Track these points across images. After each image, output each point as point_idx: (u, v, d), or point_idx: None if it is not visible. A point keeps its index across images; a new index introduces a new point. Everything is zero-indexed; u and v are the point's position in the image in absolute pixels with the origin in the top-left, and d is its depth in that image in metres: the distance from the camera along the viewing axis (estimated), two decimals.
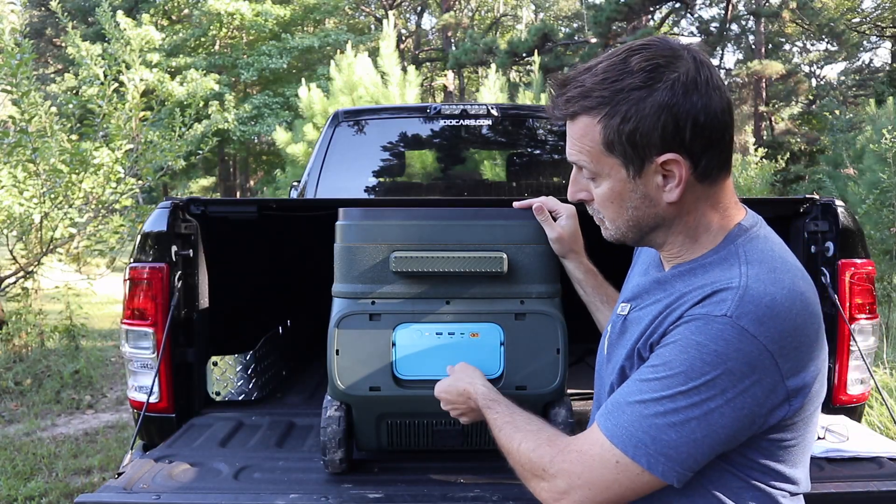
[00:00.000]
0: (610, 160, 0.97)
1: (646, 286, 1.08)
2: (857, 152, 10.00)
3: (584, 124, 0.98)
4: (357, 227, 1.64)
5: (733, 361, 0.87)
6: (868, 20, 22.25)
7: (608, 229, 1.07)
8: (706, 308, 0.91)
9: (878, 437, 1.94)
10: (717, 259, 0.98)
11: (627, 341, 1.04)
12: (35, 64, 7.07)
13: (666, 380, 0.90)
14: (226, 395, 2.30)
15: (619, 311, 1.11)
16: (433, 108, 3.74)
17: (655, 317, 0.99)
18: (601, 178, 1.00)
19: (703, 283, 0.95)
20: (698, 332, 0.89)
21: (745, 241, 0.98)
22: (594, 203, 1.05)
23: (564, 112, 0.99)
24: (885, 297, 6.40)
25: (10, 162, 5.40)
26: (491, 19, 29.80)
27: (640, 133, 0.93)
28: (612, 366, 1.07)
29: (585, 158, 1.00)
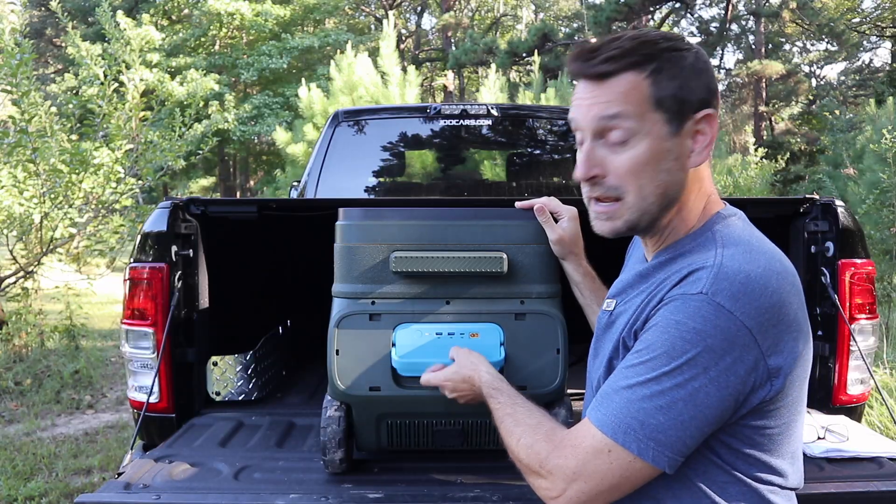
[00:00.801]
0: (655, 116, 0.97)
1: (630, 281, 1.09)
2: (857, 152, 10.00)
3: (629, 80, 0.97)
4: (357, 227, 1.64)
5: (712, 338, 0.88)
6: (868, 20, 22.25)
7: (627, 208, 1.00)
8: (683, 288, 0.93)
9: (878, 437, 1.94)
10: (695, 246, 1.00)
11: (613, 335, 1.05)
12: (35, 64, 7.06)
13: (649, 362, 0.92)
14: (226, 395, 2.30)
15: (606, 308, 1.12)
16: (433, 108, 3.74)
17: (638, 306, 1.00)
18: (639, 137, 0.97)
19: (681, 267, 0.97)
20: (676, 311, 0.91)
21: (723, 227, 1.01)
22: (611, 178, 0.99)
23: (604, 70, 0.97)
24: (885, 297, 6.40)
25: (10, 162, 5.40)
26: (491, 19, 29.80)
27: (685, 89, 0.97)
28: (599, 360, 1.08)
29: (630, 111, 0.96)
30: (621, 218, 1.01)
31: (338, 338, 1.59)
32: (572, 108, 1.03)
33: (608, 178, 1.00)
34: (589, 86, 0.99)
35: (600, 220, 1.03)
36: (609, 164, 0.99)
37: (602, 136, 0.99)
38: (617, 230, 1.02)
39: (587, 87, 1.00)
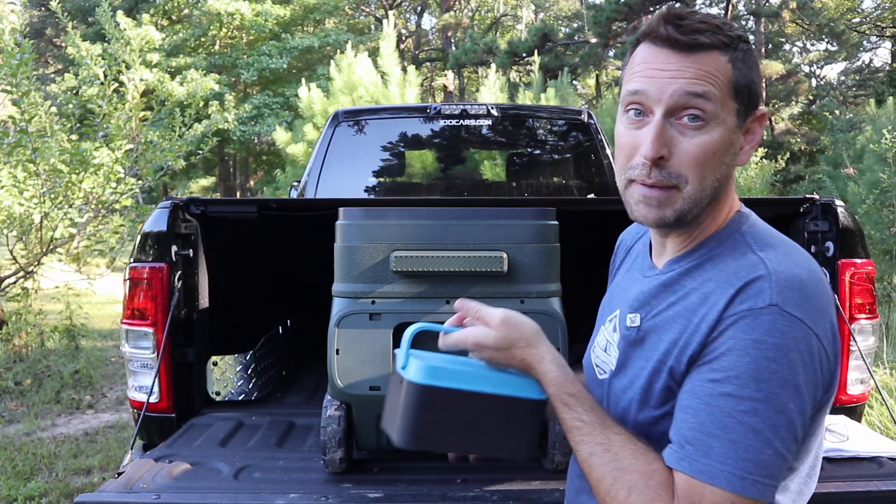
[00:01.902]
0: (731, 104, 0.90)
1: (651, 291, 0.98)
2: (857, 152, 10.00)
3: (717, 60, 0.89)
4: (357, 226, 1.64)
5: (794, 352, 0.82)
6: (868, 20, 22.26)
7: (683, 198, 0.90)
8: (746, 303, 0.84)
9: (878, 437, 1.94)
10: (723, 250, 0.93)
11: (649, 353, 0.94)
12: (35, 64, 7.07)
13: (740, 393, 0.82)
14: (226, 395, 2.30)
15: (629, 324, 0.99)
16: (433, 108, 3.75)
17: (682, 328, 0.89)
18: (715, 123, 0.89)
19: (721, 278, 0.89)
20: (750, 329, 0.83)
21: (749, 227, 0.95)
22: (675, 163, 0.89)
23: (697, 41, 0.88)
24: (885, 297, 6.40)
25: (10, 162, 5.40)
26: (491, 19, 29.80)
27: (755, 83, 0.93)
28: (628, 380, 0.97)
29: (715, 94, 0.88)
30: (672, 206, 0.91)
31: (338, 337, 1.59)
32: (640, 76, 0.91)
33: (671, 163, 0.89)
34: (673, 55, 0.89)
35: (648, 205, 0.91)
36: (677, 147, 0.89)
37: (675, 114, 0.89)
38: (665, 220, 0.92)
39: (670, 56, 0.89)
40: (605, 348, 1.05)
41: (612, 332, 1.04)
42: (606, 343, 1.05)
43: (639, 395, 0.94)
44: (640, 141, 0.91)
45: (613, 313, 1.06)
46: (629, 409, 0.95)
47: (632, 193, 0.94)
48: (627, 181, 0.94)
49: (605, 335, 1.07)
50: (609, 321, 1.07)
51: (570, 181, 3.92)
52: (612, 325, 1.05)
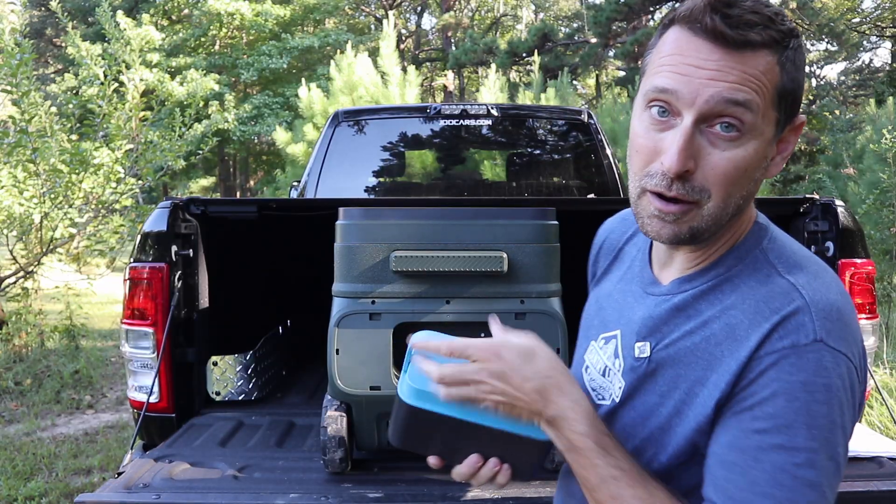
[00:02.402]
0: (772, 114, 0.77)
1: (661, 316, 0.87)
2: (857, 152, 10.00)
3: (764, 60, 0.75)
4: (357, 226, 1.64)
5: (840, 391, 0.74)
6: (868, 20, 22.26)
7: (702, 215, 0.79)
8: (788, 339, 0.74)
9: (878, 437, 1.94)
10: (743, 269, 0.82)
11: (665, 389, 0.83)
12: (35, 64, 7.07)
13: (794, 448, 0.73)
14: (226, 395, 2.30)
15: (638, 354, 0.87)
16: (433, 108, 3.75)
17: (709, 364, 0.79)
18: (752, 136, 0.76)
19: (749, 307, 0.79)
20: (796, 370, 0.73)
21: (769, 244, 0.84)
22: (700, 178, 0.77)
23: (747, 37, 0.74)
24: (885, 297, 6.40)
25: (10, 162, 5.40)
26: (491, 19, 29.80)
27: (800, 88, 0.79)
28: (638, 415, 0.86)
29: (758, 103, 0.75)
30: (689, 224, 0.79)
31: (338, 337, 1.59)
32: (671, 72, 0.77)
33: (696, 176, 0.77)
34: (716, 51, 0.75)
35: (664, 220, 0.80)
36: (704, 160, 0.77)
37: (708, 121, 0.76)
38: (680, 237, 0.80)
39: (712, 52, 0.75)
40: (602, 372, 0.93)
41: (613, 356, 0.92)
42: (605, 367, 0.93)
43: (656, 436, 0.83)
44: (662, 146, 0.78)
45: (611, 332, 0.94)
46: (643, 449, 0.84)
47: (645, 206, 0.81)
48: (641, 190, 0.81)
49: (601, 357, 0.95)
50: (605, 341, 0.95)
51: (570, 181, 3.92)
52: (611, 347, 0.93)
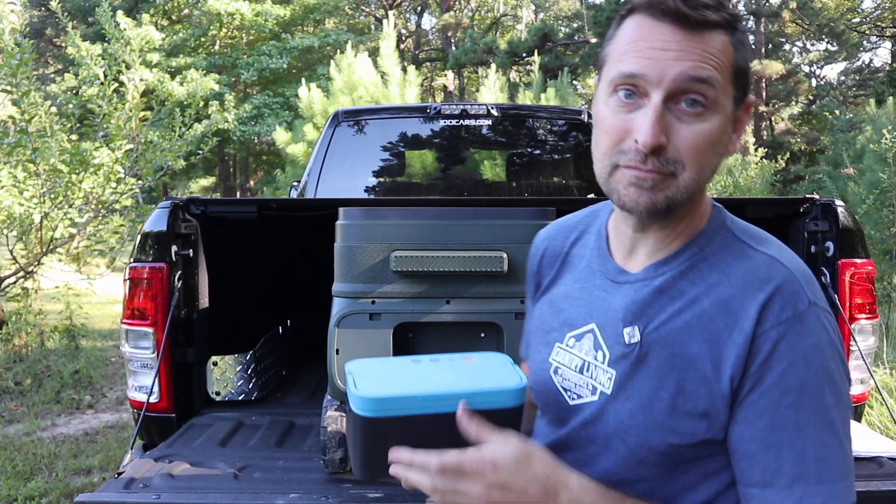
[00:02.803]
0: (730, 90, 0.83)
1: (645, 300, 0.88)
2: (857, 152, 10.01)
3: (722, 41, 0.81)
4: (357, 226, 1.65)
5: (836, 340, 0.82)
6: (868, 20, 22.26)
7: (677, 186, 0.83)
8: (789, 309, 0.80)
9: (878, 437, 1.94)
10: (715, 249, 0.88)
11: (662, 372, 0.85)
12: (35, 64, 7.07)
13: (823, 409, 0.79)
14: (226, 395, 2.30)
15: (629, 340, 0.88)
16: (433, 108, 3.75)
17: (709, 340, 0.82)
18: (715, 110, 0.82)
19: (736, 282, 0.84)
20: (804, 336, 0.79)
21: (731, 223, 0.91)
22: (672, 151, 0.82)
23: (705, 18, 0.80)
24: (885, 297, 6.40)
25: (10, 162, 5.40)
26: (491, 19, 29.81)
27: (749, 69, 0.86)
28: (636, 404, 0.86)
29: (718, 80, 0.81)
30: (665, 192, 0.83)
31: (338, 337, 1.59)
32: (636, 56, 0.81)
33: (669, 151, 0.81)
34: (678, 33, 0.80)
35: (641, 187, 0.83)
36: (675, 134, 0.81)
37: (675, 98, 0.81)
38: (656, 205, 0.83)
39: (674, 34, 0.80)
40: (580, 369, 0.93)
41: (593, 350, 0.92)
42: (584, 363, 0.93)
43: (661, 420, 0.84)
44: (632, 126, 0.82)
45: (582, 329, 0.94)
46: (648, 439, 0.85)
47: (619, 178, 0.84)
48: (613, 166, 0.84)
49: (575, 354, 0.94)
50: (575, 339, 0.95)
51: (570, 181, 3.92)
52: (587, 342, 0.93)
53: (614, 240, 0.96)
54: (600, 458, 0.89)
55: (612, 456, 0.88)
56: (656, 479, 0.86)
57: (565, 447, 0.93)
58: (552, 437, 0.96)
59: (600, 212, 1.03)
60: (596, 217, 1.03)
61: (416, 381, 0.83)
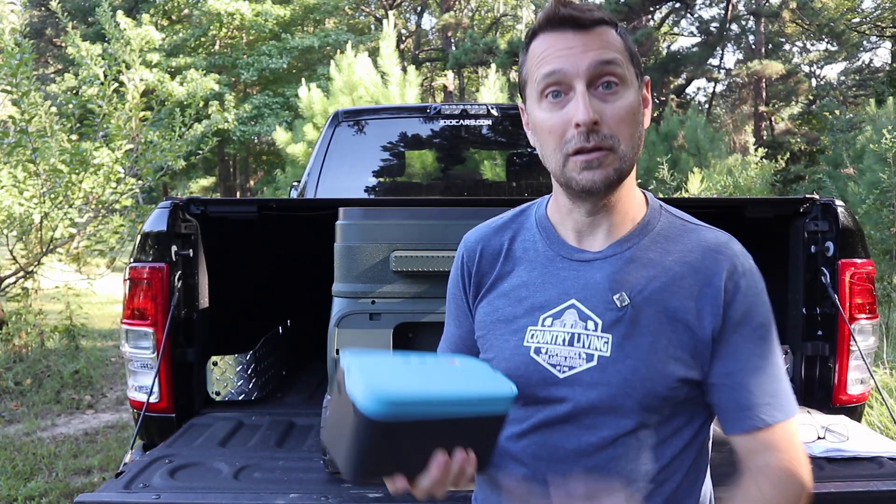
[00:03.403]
0: (631, 69, 0.99)
1: (623, 269, 1.00)
2: (857, 152, 10.00)
3: (610, 32, 0.98)
4: (357, 226, 1.64)
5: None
6: (868, 20, 22.25)
7: (619, 157, 0.95)
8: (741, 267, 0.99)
9: (878, 437, 1.94)
10: (663, 225, 1.04)
11: (655, 325, 0.97)
12: (35, 64, 7.07)
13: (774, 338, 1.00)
14: (226, 395, 2.30)
15: (621, 304, 0.98)
16: (433, 108, 3.75)
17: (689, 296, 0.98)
18: (626, 86, 0.97)
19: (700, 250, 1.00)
20: (755, 283, 0.99)
21: (664, 206, 1.08)
22: (605, 127, 0.94)
23: (595, 17, 0.97)
24: (885, 297, 6.40)
25: (10, 162, 5.40)
26: (491, 19, 29.80)
27: (637, 53, 1.03)
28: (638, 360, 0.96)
29: (621, 59, 0.97)
30: (612, 166, 0.96)
31: (338, 337, 1.59)
32: (552, 59, 0.96)
33: (603, 127, 0.94)
34: (577, 35, 0.96)
35: (591, 168, 0.95)
36: (603, 113, 0.95)
37: (593, 84, 0.95)
38: (609, 179, 0.96)
39: (572, 37, 0.96)
40: (569, 342, 1.00)
41: (580, 321, 1.00)
42: (572, 336, 1.00)
43: (659, 369, 0.97)
44: (568, 117, 0.95)
45: (559, 307, 1.02)
46: (650, 389, 0.96)
47: (572, 167, 0.97)
48: (564, 157, 0.97)
49: (559, 330, 1.01)
50: (553, 317, 1.02)
51: None
52: (570, 317, 1.01)
53: (561, 228, 1.07)
54: (607, 416, 0.97)
55: (618, 411, 0.97)
56: (655, 426, 0.98)
57: (563, 420, 0.99)
58: (539, 417, 1.01)
59: (527, 211, 1.14)
60: (526, 216, 1.14)
61: (422, 383, 0.81)
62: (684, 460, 1.01)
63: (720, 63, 25.43)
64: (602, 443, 0.97)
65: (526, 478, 1.01)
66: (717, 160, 11.34)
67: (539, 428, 1.00)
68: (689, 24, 25.47)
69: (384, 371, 0.82)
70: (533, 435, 1.00)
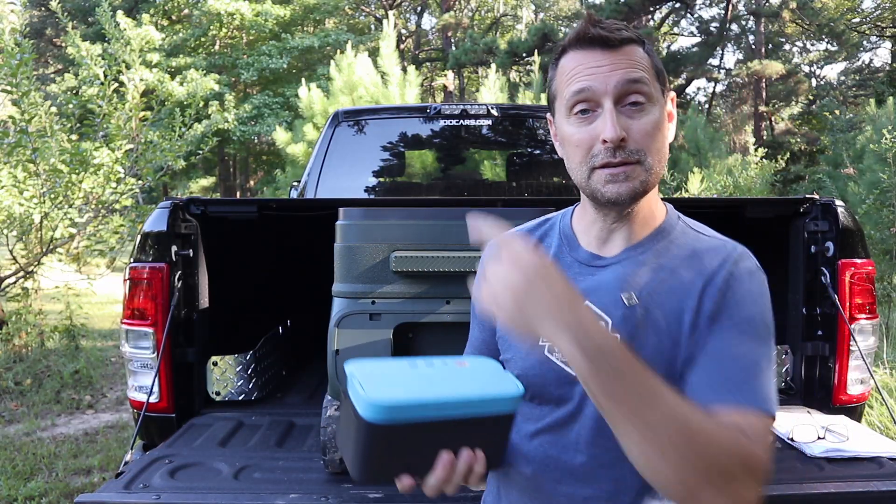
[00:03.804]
0: (657, 86, 1.02)
1: (635, 271, 1.03)
2: (857, 152, 10.01)
3: (637, 50, 1.01)
4: (357, 226, 1.64)
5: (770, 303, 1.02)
6: (868, 20, 22.25)
7: (646, 171, 0.99)
8: (741, 266, 0.99)
9: (878, 437, 1.94)
10: (676, 234, 1.06)
11: (661, 325, 0.99)
12: (35, 64, 7.07)
13: (760, 337, 0.98)
14: (226, 395, 2.30)
15: (630, 303, 1.01)
16: (433, 108, 3.74)
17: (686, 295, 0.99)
18: (652, 103, 1.00)
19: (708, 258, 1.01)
20: (749, 281, 0.99)
21: (682, 218, 1.10)
22: (632, 143, 0.98)
23: (623, 36, 1.00)
24: (885, 297, 6.40)
25: (10, 162, 5.40)
26: (491, 19, 29.81)
27: (663, 69, 1.06)
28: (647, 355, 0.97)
29: (648, 77, 1.00)
30: (638, 179, 1.00)
31: (338, 337, 1.59)
32: (581, 77, 1.00)
33: (629, 143, 0.99)
34: (602, 54, 1.00)
35: (617, 181, 0.99)
36: (630, 129, 0.99)
37: (621, 102, 0.99)
38: (635, 191, 1.00)
39: (604, 54, 1.00)
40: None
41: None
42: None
43: (664, 365, 0.98)
44: (595, 132, 0.99)
45: None
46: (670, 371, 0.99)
47: (597, 180, 1.01)
48: (590, 170, 1.01)
49: None
50: None
51: (570, 181, 3.91)
52: None
53: (584, 236, 1.10)
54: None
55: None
56: None
57: (574, 418, 1.01)
58: (554, 416, 1.03)
59: (552, 220, 1.18)
60: (551, 224, 1.18)
61: (422, 386, 0.82)
62: None
63: (720, 63, 25.45)
64: (610, 438, 0.95)
65: (535, 476, 1.03)
66: (717, 160, 11.34)
67: (552, 427, 1.03)
68: (689, 24, 25.49)
69: (386, 375, 0.83)
70: (546, 434, 1.03)
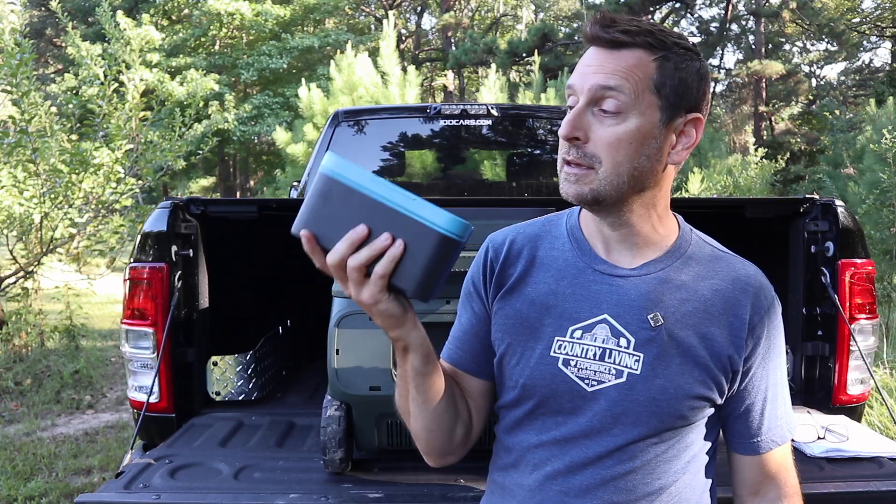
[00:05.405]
0: (652, 99, 0.97)
1: (657, 289, 1.02)
2: (857, 152, 10.00)
3: (639, 57, 0.97)
4: None
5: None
6: (868, 20, 22.25)
7: (598, 179, 0.97)
8: (766, 301, 1.05)
9: (878, 437, 1.94)
10: (694, 250, 1.07)
11: (685, 349, 1.00)
12: (35, 64, 7.07)
13: (782, 364, 1.09)
14: (226, 395, 2.30)
15: (655, 323, 1.00)
16: (433, 108, 3.74)
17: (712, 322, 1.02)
18: (631, 114, 0.96)
19: (728, 278, 1.05)
20: (776, 314, 1.06)
21: (697, 232, 1.11)
22: (590, 146, 0.97)
23: (618, 38, 0.97)
24: (885, 297, 6.40)
25: (10, 162, 5.40)
26: (491, 19, 29.80)
27: (685, 85, 0.99)
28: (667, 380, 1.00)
29: (628, 87, 0.96)
30: (589, 185, 0.98)
31: (338, 337, 1.59)
32: (576, 73, 1.01)
33: (587, 145, 0.98)
34: (598, 53, 0.99)
35: (568, 181, 0.99)
36: (593, 132, 0.97)
37: (596, 103, 0.97)
38: (582, 196, 0.99)
39: (596, 55, 0.99)
40: (599, 357, 1.01)
41: (612, 337, 1.01)
42: (603, 351, 1.01)
43: (686, 390, 1.01)
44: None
45: (591, 320, 1.02)
46: (675, 405, 1.00)
47: (560, 174, 1.02)
48: (560, 162, 1.02)
49: (590, 344, 1.02)
50: (584, 330, 1.02)
51: None
52: (602, 331, 1.02)
53: (592, 240, 1.08)
54: (629, 431, 1.00)
55: (640, 427, 1.00)
56: (671, 440, 1.02)
57: (586, 433, 1.01)
58: (565, 430, 1.02)
59: (557, 220, 1.14)
60: (555, 224, 1.13)
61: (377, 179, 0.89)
62: (697, 471, 1.06)
63: (720, 63, 25.45)
64: (620, 455, 1.00)
65: (540, 486, 1.03)
66: (717, 160, 11.34)
67: (560, 441, 1.02)
68: (689, 24, 25.46)
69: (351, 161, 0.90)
70: (552, 447, 1.03)
